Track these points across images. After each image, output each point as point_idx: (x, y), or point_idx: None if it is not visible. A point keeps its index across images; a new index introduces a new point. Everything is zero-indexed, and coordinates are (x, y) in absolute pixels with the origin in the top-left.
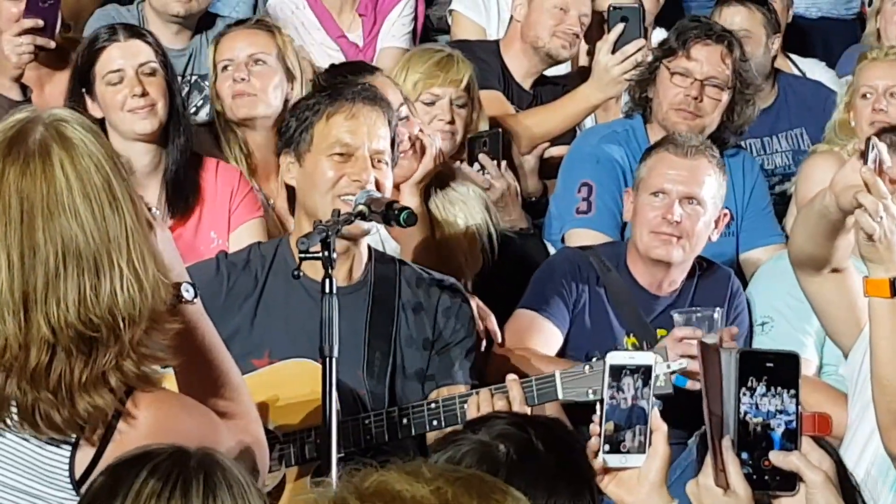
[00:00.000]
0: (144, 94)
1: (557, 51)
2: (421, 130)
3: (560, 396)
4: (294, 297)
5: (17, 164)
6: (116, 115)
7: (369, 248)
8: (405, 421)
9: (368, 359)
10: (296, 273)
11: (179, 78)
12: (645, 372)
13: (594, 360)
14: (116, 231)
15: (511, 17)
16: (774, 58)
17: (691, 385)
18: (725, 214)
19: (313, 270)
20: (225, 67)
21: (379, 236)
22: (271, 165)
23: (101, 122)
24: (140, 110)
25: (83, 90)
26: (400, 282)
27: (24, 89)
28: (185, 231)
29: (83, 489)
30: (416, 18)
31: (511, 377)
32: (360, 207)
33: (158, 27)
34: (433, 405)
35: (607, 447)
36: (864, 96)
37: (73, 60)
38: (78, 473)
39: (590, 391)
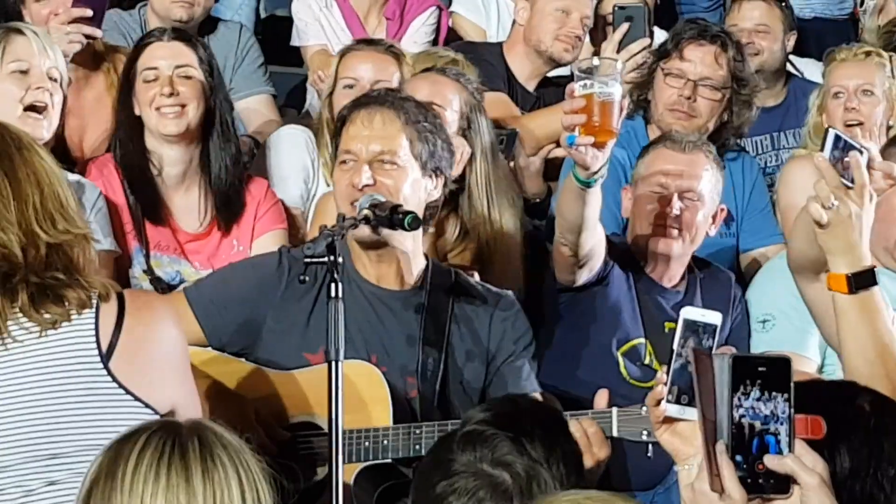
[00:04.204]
0: (174, 94)
1: (560, 54)
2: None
3: (614, 433)
4: (350, 296)
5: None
6: (146, 111)
7: (426, 256)
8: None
9: (421, 365)
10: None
11: None
12: (711, 331)
13: None
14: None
15: (514, 21)
16: (788, 55)
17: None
18: (723, 210)
19: (366, 271)
20: (350, 86)
21: None
22: None
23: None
24: (169, 110)
25: (127, 87)
26: (455, 292)
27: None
28: (211, 236)
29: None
30: (438, 30)
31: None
32: (365, 212)
33: None
34: None
35: (670, 397)
36: (835, 96)
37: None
38: (104, 344)
39: (643, 432)
